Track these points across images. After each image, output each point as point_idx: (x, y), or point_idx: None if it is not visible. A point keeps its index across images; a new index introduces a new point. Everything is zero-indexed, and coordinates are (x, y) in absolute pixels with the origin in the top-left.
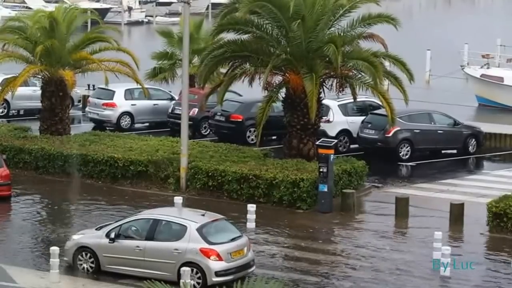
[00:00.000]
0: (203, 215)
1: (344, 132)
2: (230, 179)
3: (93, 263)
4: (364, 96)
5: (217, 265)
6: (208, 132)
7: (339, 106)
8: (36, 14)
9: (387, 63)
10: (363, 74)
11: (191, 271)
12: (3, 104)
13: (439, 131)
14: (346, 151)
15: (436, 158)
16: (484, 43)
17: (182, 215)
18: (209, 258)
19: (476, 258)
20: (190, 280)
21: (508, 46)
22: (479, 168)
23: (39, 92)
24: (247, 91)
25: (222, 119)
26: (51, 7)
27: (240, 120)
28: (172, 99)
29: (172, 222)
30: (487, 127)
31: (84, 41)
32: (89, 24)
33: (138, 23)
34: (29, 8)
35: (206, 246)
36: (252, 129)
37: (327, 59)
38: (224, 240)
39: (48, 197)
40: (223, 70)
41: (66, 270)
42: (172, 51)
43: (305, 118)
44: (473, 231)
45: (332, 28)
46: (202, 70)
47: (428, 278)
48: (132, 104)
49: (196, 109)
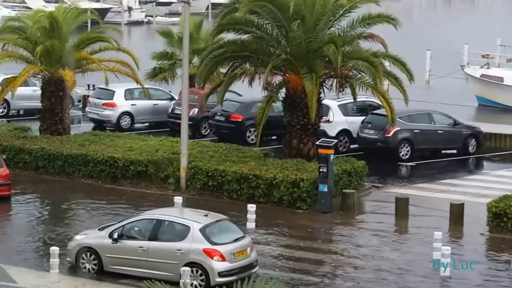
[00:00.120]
0: (206, 215)
1: (344, 132)
2: (230, 179)
3: (96, 263)
4: (364, 96)
5: (220, 265)
6: (208, 132)
7: (339, 106)
8: (36, 14)
9: (387, 63)
10: (363, 74)
11: (194, 271)
12: (3, 104)
13: (439, 131)
14: (346, 151)
15: (436, 158)
16: (484, 43)
17: (185, 215)
18: (212, 258)
19: (476, 258)
20: (189, 280)
21: (508, 46)
22: (479, 168)
23: (39, 92)
24: (247, 91)
25: (222, 119)
26: (51, 7)
27: (240, 120)
28: (172, 99)
29: (175, 222)
30: (487, 127)
31: (84, 41)
32: (89, 24)
33: (138, 23)
34: (29, 8)
35: (209, 246)
36: (252, 129)
37: (327, 59)
38: (227, 241)
39: (48, 197)
40: (223, 70)
41: (67, 270)
42: (172, 51)
43: (305, 118)
44: (473, 231)
45: (332, 28)
46: (202, 70)
47: (428, 278)
48: (132, 104)
49: (196, 109)
